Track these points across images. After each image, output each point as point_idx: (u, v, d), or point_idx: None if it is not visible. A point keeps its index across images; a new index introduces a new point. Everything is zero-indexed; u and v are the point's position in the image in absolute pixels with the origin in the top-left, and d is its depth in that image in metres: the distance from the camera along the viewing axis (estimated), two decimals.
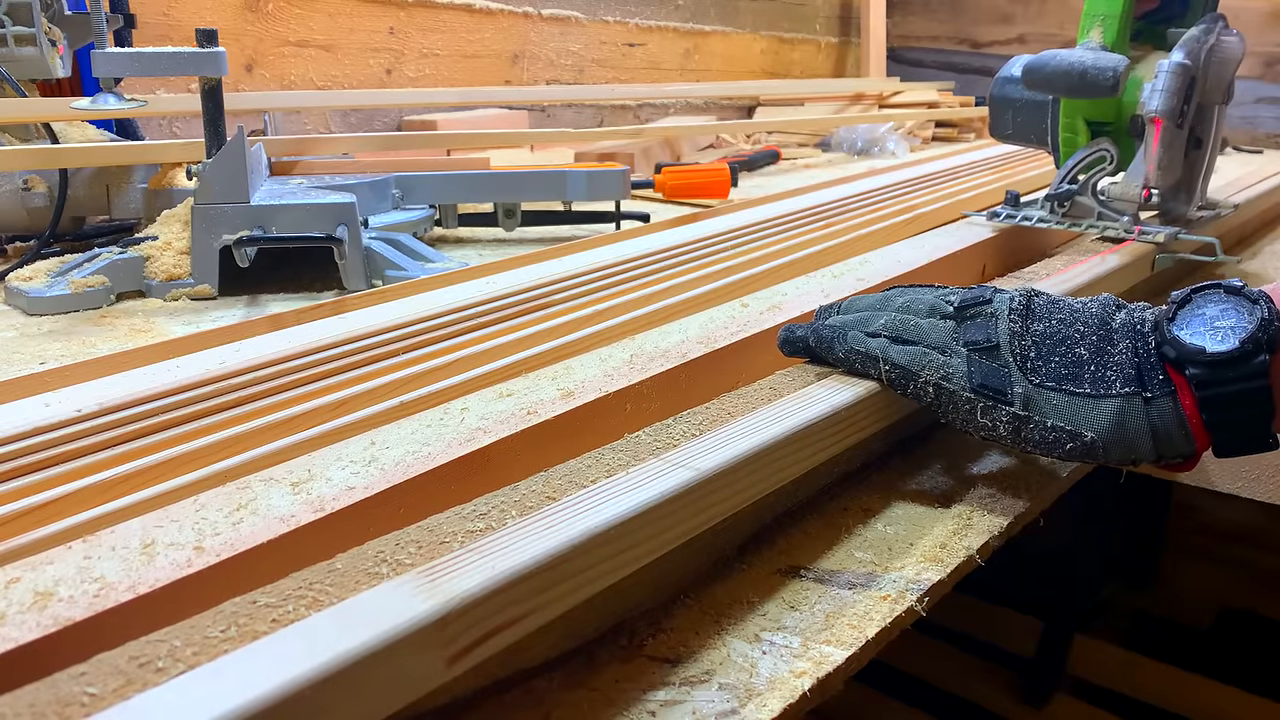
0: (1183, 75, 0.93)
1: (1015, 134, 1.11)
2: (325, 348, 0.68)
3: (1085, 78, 0.94)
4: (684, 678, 0.43)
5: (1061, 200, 1.04)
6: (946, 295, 0.61)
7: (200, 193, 0.99)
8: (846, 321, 0.62)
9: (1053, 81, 0.97)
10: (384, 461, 0.47)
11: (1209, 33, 0.96)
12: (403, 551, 0.36)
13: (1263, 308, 0.52)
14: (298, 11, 1.66)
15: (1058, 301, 0.59)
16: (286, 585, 0.34)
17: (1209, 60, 0.96)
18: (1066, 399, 0.54)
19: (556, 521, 0.38)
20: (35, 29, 1.12)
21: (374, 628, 0.30)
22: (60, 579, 0.35)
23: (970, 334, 0.57)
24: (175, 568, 0.36)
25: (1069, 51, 0.96)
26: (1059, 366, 0.55)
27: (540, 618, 0.36)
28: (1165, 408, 0.53)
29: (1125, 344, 0.55)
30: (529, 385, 0.59)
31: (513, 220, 1.29)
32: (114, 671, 0.28)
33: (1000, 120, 1.12)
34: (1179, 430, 0.53)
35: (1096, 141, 1.02)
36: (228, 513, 0.41)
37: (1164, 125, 0.93)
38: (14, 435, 0.53)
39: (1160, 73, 0.93)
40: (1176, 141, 0.96)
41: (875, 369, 0.58)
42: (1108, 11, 1.00)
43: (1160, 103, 0.93)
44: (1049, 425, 0.54)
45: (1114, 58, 0.94)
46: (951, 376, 0.56)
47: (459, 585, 0.33)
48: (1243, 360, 0.51)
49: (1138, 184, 0.99)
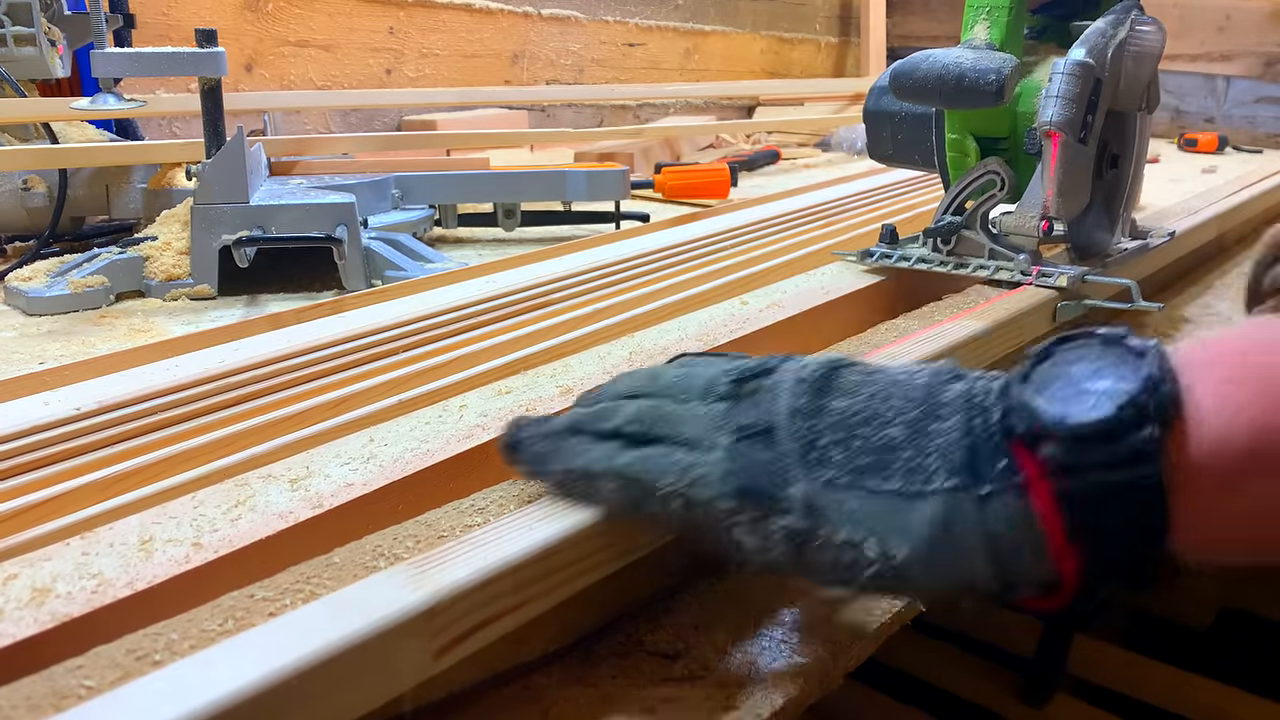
0: (1084, 78, 0.75)
1: (896, 155, 0.93)
2: (324, 346, 0.68)
3: (963, 84, 0.75)
4: (683, 673, 0.43)
5: (945, 235, 0.85)
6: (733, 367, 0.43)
7: (200, 193, 0.99)
8: (580, 418, 0.44)
9: (925, 90, 0.78)
10: (382, 458, 0.47)
11: (1119, 24, 0.79)
12: (400, 546, 0.36)
13: (1151, 363, 0.37)
14: (298, 11, 1.66)
15: (875, 372, 0.42)
16: (284, 579, 0.34)
17: (1119, 58, 0.78)
18: (866, 500, 0.37)
19: (550, 513, 0.38)
20: (35, 29, 1.12)
21: (361, 618, 0.30)
22: (58, 575, 0.35)
23: (742, 416, 0.40)
24: (173, 564, 0.37)
25: (945, 52, 0.78)
26: (859, 454, 0.38)
27: (532, 610, 0.36)
28: (1008, 508, 0.36)
29: (957, 419, 0.38)
30: (528, 382, 0.59)
31: (512, 220, 1.29)
32: (110, 664, 0.29)
33: (877, 139, 0.93)
34: (1029, 543, 0.36)
35: (985, 162, 0.83)
36: (226, 509, 0.41)
37: (1062, 140, 0.75)
38: (13, 433, 0.53)
39: (1055, 76, 0.75)
40: (1081, 159, 0.78)
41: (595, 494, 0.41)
42: (995, 1, 0.81)
43: (1056, 112, 0.74)
44: (839, 541, 0.37)
45: (999, 58, 0.76)
46: (701, 481, 0.39)
47: (448, 576, 0.33)
48: (1119, 434, 0.35)
49: (1034, 214, 0.80)
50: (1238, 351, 0.39)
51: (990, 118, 0.84)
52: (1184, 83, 2.51)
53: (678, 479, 0.39)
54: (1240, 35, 2.37)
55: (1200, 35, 2.43)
